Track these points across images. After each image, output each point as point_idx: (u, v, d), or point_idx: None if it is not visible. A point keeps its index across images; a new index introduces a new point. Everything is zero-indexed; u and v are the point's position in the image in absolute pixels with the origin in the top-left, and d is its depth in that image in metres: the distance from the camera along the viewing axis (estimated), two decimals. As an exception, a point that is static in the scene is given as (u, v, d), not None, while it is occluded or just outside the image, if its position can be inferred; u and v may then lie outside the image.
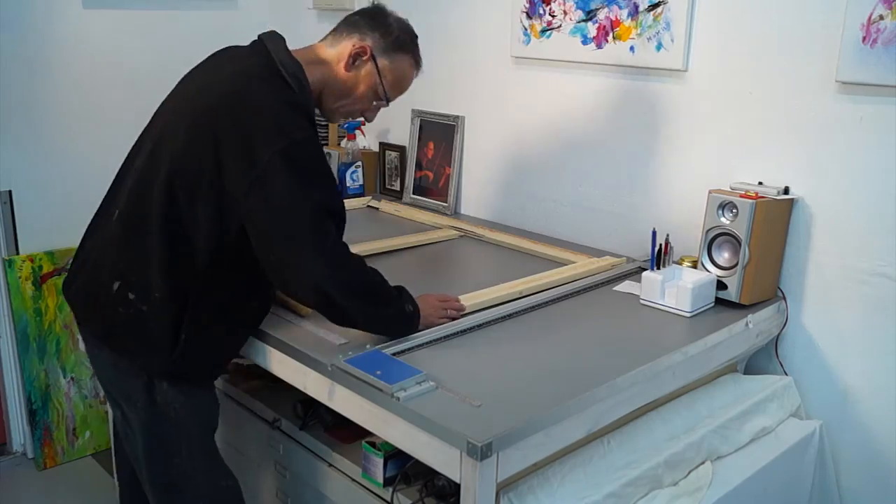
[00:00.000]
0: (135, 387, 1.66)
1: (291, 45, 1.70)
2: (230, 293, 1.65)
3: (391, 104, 1.79)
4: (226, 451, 2.17)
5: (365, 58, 1.67)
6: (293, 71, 1.60)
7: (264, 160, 1.49)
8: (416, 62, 1.75)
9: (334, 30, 1.73)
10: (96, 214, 1.75)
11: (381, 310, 1.63)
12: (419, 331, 1.70)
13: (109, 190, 1.75)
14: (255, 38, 1.69)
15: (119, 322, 1.62)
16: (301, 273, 1.51)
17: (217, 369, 1.78)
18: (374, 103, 1.74)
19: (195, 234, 1.56)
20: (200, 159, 1.54)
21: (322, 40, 1.73)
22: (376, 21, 1.69)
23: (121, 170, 1.76)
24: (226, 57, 1.72)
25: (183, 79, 1.76)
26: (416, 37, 1.76)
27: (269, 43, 1.64)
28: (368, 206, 2.83)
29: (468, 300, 1.86)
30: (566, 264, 2.19)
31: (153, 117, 1.75)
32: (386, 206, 2.81)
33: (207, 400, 1.76)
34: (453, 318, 1.77)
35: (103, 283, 1.62)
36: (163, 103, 1.76)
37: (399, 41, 1.70)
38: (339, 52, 1.68)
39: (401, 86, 1.75)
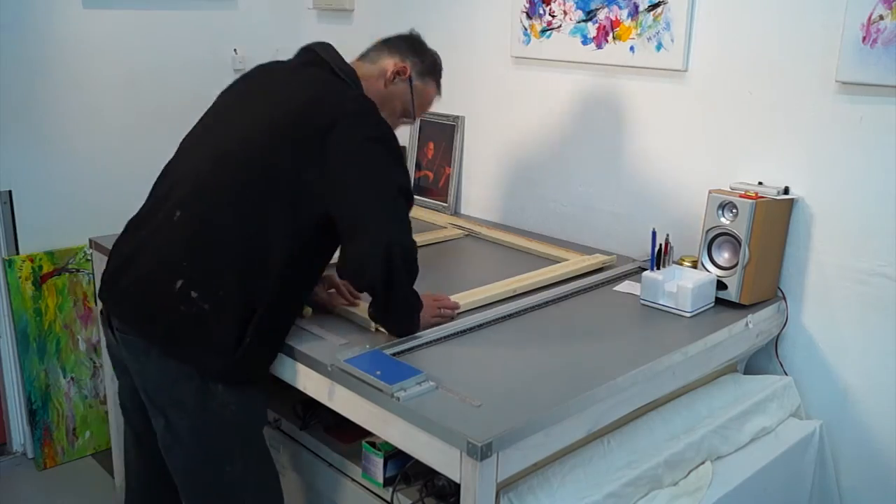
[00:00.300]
0: (186, 390, 1.61)
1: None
2: (297, 293, 1.68)
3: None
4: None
5: (404, 77, 1.79)
6: (352, 78, 1.71)
7: (357, 142, 1.57)
8: (440, 90, 1.91)
9: (373, 48, 1.84)
10: (142, 215, 1.73)
11: (411, 294, 1.67)
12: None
13: (156, 192, 1.75)
14: (301, 50, 1.77)
15: (178, 321, 1.59)
16: (378, 232, 1.56)
17: (269, 366, 1.73)
18: (402, 119, 1.85)
19: (271, 236, 1.58)
20: (279, 163, 1.58)
21: (360, 58, 1.82)
22: (415, 47, 1.84)
23: (166, 173, 1.76)
24: (283, 69, 1.76)
25: (234, 90, 1.79)
26: (442, 69, 1.90)
27: (324, 52, 1.73)
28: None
29: (461, 299, 1.86)
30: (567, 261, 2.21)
31: (203, 126, 1.77)
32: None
33: (261, 397, 1.73)
34: (447, 317, 1.78)
35: (163, 281, 1.60)
36: (214, 112, 1.78)
37: (432, 68, 1.86)
38: (379, 68, 1.78)
39: (426, 108, 1.90)
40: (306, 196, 1.58)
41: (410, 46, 1.83)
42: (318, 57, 1.72)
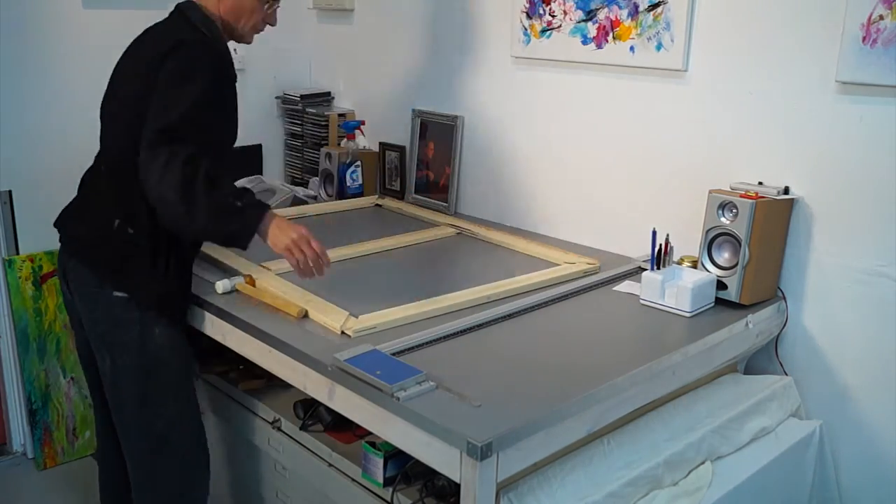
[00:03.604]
0: (130, 332, 1.84)
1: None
2: None
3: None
4: (226, 450, 2.17)
5: None
6: (204, 22, 1.88)
7: (174, 70, 1.75)
8: None
9: None
10: (88, 171, 1.99)
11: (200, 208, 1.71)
12: (256, 240, 1.77)
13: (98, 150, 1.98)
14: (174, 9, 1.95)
15: (120, 255, 1.82)
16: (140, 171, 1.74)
17: (187, 300, 1.94)
18: (266, 8, 1.96)
19: None
20: (141, 102, 1.75)
21: None
22: None
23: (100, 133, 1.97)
24: (154, 26, 1.97)
25: (124, 52, 1.99)
26: None
27: (184, 7, 1.91)
28: (376, 204, 2.87)
29: (431, 304, 1.86)
30: (556, 265, 2.19)
31: (107, 91, 1.98)
32: (392, 203, 2.84)
33: (184, 345, 1.93)
34: (298, 259, 1.77)
35: (104, 224, 1.83)
36: (110, 80, 1.98)
37: None
38: None
39: None
40: None
41: None
42: (179, 14, 1.91)
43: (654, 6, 2.14)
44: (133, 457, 1.94)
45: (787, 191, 1.96)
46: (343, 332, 1.73)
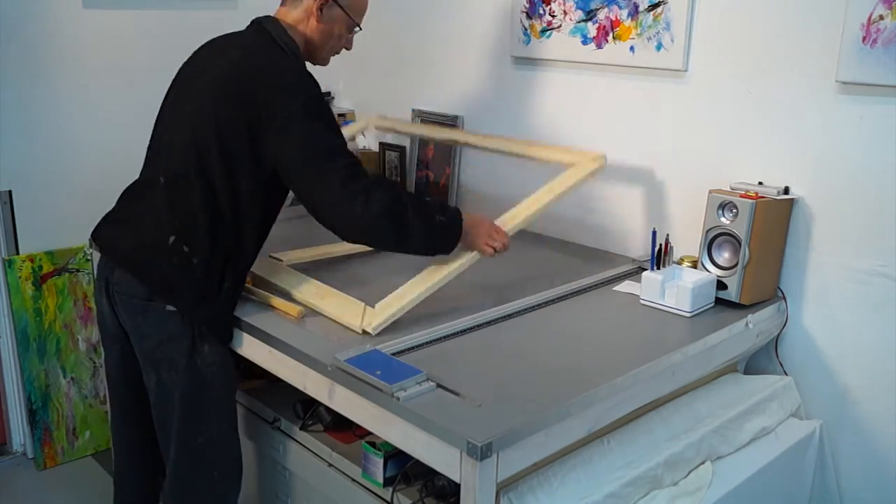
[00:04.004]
0: (178, 348, 1.79)
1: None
2: (255, 240, 1.85)
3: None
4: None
5: (328, 4, 1.85)
6: (287, 42, 1.85)
7: (289, 112, 1.71)
8: None
9: None
10: (134, 185, 1.92)
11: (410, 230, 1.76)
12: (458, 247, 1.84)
13: (147, 160, 1.93)
14: (250, 22, 1.93)
15: (172, 272, 1.77)
16: (331, 202, 1.72)
17: (233, 321, 1.88)
18: (350, 35, 1.95)
19: (227, 191, 1.75)
20: (228, 122, 1.73)
21: (282, 6, 1.90)
22: None
23: (150, 146, 1.94)
24: (230, 37, 1.93)
25: (189, 62, 1.94)
26: None
27: (267, 24, 1.88)
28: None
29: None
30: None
31: (170, 97, 1.93)
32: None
33: (231, 364, 1.89)
34: (496, 250, 1.87)
35: (158, 238, 1.78)
36: (175, 85, 1.93)
37: None
38: (304, 10, 1.86)
39: (364, 9, 1.95)
40: (254, 156, 1.74)
41: None
42: (262, 29, 1.86)
43: (654, 6, 2.14)
44: (171, 469, 1.90)
45: (787, 191, 1.96)
46: (364, 332, 1.73)
